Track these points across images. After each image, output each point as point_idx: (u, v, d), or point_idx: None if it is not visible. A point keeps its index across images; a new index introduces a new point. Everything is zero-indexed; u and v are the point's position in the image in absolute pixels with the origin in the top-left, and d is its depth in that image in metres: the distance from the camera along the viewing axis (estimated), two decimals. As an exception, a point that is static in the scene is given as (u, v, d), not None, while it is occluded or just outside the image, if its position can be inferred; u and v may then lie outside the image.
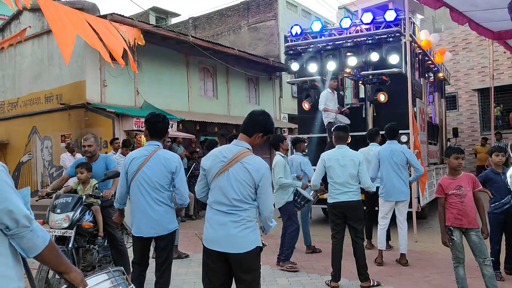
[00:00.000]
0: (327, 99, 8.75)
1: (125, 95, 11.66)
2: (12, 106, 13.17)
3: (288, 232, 5.87)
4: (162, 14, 21.43)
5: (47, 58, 11.93)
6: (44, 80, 12.07)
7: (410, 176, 6.22)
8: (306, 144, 8.59)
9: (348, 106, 9.85)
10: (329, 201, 5.13)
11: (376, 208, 6.46)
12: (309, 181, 6.94)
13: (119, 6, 67.00)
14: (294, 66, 9.25)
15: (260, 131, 3.00)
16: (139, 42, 9.40)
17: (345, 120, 8.64)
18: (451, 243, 4.20)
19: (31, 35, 11.61)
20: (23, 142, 12.67)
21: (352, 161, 4.93)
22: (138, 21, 11.29)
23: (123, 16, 10.63)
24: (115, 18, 10.06)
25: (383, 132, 6.95)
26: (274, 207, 3.35)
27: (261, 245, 2.96)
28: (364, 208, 6.82)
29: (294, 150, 7.24)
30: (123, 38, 8.67)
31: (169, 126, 4.02)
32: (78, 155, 9.89)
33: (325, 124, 8.84)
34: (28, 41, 11.87)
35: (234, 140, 3.04)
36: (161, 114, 3.99)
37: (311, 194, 6.91)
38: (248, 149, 2.96)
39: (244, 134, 3.01)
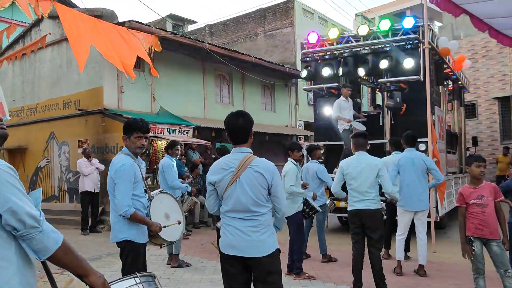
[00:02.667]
0: (340, 107, 8.67)
1: (142, 101, 11.75)
2: (31, 112, 13.38)
3: (297, 245, 5.80)
4: (179, 22, 21.63)
5: (65, 64, 12.10)
6: (62, 86, 12.24)
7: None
8: (322, 152, 8.51)
9: (365, 114, 9.74)
10: (348, 208, 5.09)
11: (397, 218, 6.34)
12: (327, 188, 6.87)
13: (137, 13, 67.94)
14: (310, 73, 9.20)
15: (251, 130, 3.04)
16: (155, 49, 9.48)
17: (361, 128, 8.54)
18: (472, 254, 4.09)
19: (50, 41, 11.79)
20: (41, 147, 12.85)
21: (370, 168, 4.85)
22: (156, 28, 11.39)
23: (140, 23, 10.74)
24: (133, 25, 10.16)
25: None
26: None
27: (279, 248, 2.99)
28: (385, 217, 6.73)
29: (309, 157, 7.17)
30: (142, 44, 8.76)
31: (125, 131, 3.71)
32: (95, 161, 10.00)
33: (340, 131, 8.76)
34: (48, 47, 12.05)
35: (234, 148, 3.04)
36: None
37: (327, 202, 6.84)
38: (251, 153, 3.00)
39: (241, 144, 3.01)
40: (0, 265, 1.65)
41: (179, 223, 3.91)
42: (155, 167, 10.48)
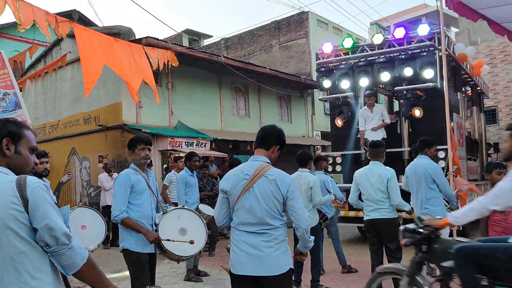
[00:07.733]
0: (364, 118, 8.58)
1: (160, 116, 11.91)
2: (52, 128, 13.69)
3: (316, 254, 5.73)
4: (195, 36, 21.90)
5: (85, 81, 12.38)
6: (82, 102, 12.50)
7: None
8: (329, 163, 8.43)
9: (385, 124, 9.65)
10: (364, 218, 5.07)
11: None
12: (336, 198, 6.75)
13: (155, 29, 69.30)
14: (326, 83, 9.20)
15: (277, 144, 2.92)
16: (172, 64, 9.62)
17: (372, 138, 8.39)
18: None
19: (70, 60, 12.08)
20: (63, 162, 13.10)
21: (380, 178, 4.83)
22: (172, 43, 11.57)
23: (157, 39, 10.93)
24: (149, 41, 10.36)
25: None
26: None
27: (293, 267, 2.81)
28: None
29: (315, 168, 6.99)
30: (157, 62, 8.93)
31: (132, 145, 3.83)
32: (116, 175, 10.14)
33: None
34: (68, 66, 12.36)
35: (252, 156, 2.93)
36: None
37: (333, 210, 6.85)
38: (268, 162, 2.85)
39: (261, 149, 2.90)
40: (39, 276, 1.77)
41: (192, 243, 3.75)
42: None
